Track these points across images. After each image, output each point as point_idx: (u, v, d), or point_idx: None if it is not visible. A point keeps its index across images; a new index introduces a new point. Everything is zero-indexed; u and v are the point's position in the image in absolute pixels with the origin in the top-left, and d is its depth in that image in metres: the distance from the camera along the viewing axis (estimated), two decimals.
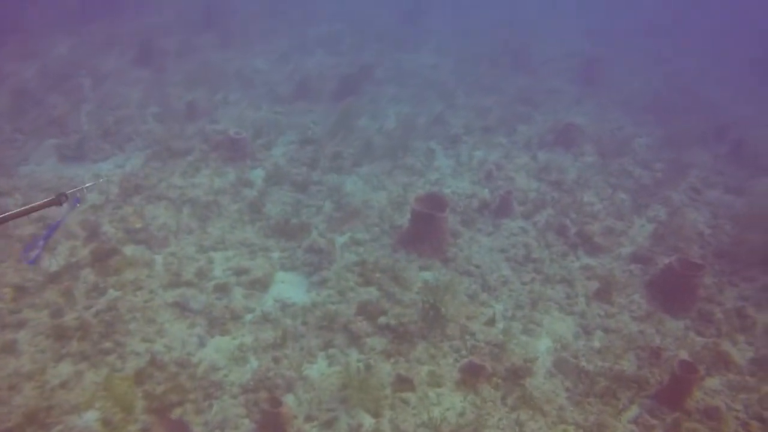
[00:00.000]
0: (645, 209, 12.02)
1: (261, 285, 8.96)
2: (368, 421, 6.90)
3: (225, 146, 12.33)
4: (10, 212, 3.53)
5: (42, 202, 3.59)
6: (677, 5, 32.35)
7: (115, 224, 9.96)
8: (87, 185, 4.06)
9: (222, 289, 8.80)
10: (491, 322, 8.47)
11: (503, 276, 9.47)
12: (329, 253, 9.60)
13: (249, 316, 8.42)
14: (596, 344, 8.41)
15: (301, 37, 20.61)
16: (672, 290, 9.32)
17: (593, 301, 9.20)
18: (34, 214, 3.04)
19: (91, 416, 6.68)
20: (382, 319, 8.28)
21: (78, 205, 3.79)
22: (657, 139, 15.56)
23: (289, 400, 7.08)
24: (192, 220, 10.23)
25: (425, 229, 9.46)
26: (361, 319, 8.30)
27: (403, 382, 7.36)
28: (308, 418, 6.91)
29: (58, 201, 3.67)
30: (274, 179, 11.72)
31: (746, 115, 19.11)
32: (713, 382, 7.99)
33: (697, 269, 9.33)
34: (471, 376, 7.46)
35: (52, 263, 8.85)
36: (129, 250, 9.41)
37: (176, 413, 6.79)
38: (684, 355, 8.28)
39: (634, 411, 7.40)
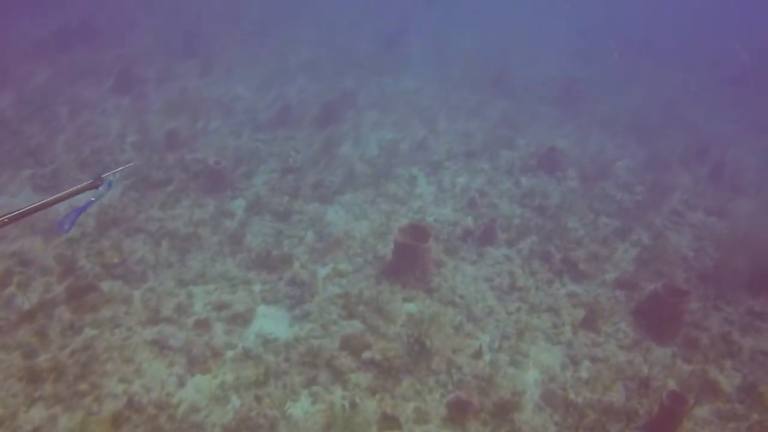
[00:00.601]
0: (628, 233, 12.07)
1: (242, 320, 8.80)
2: None
3: (205, 176, 12.21)
4: (54, 196, 3.87)
5: (83, 185, 4.00)
6: (656, 25, 32.99)
7: (92, 259, 9.77)
8: (118, 169, 4.50)
9: (202, 325, 8.62)
10: (478, 354, 8.38)
11: (488, 306, 9.40)
12: (311, 285, 9.48)
13: (230, 353, 8.25)
14: (584, 375, 8.35)
15: (282, 63, 20.64)
16: (658, 317, 9.31)
17: (580, 330, 9.15)
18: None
19: None
20: (366, 354, 8.16)
21: (111, 188, 4.22)
22: (638, 162, 15.73)
23: None
24: (171, 254, 10.07)
25: (409, 260, 9.39)
26: (345, 354, 8.17)
27: (389, 420, 7.23)
28: None
29: (95, 184, 4.06)
30: (255, 209, 11.61)
31: (724, 135, 19.47)
32: (702, 411, 7.95)
33: (682, 295, 9.34)
34: (458, 412, 7.34)
35: (25, 301, 8.62)
36: (106, 285, 9.22)
37: None
38: (672, 384, 8.24)
39: None
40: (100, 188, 4.17)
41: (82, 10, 22.17)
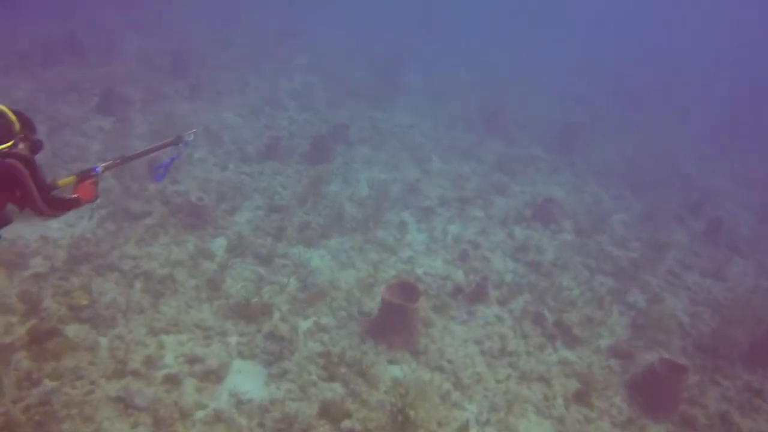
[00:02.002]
0: (624, 295, 11.82)
1: (215, 376, 8.34)
2: None
3: (186, 211, 11.79)
4: (141, 150, 4.98)
5: (166, 141, 4.94)
6: (647, 72, 33.38)
7: (59, 299, 9.27)
8: (193, 130, 5.39)
9: (172, 380, 8.15)
10: (464, 428, 7.98)
11: (477, 373, 9.03)
12: (291, 340, 9.05)
13: (200, 414, 7.78)
14: None
15: (274, 89, 20.36)
16: (654, 392, 9.00)
17: (572, 404, 8.80)
18: None
19: None
20: (346, 423, 7.73)
21: (188, 147, 5.18)
22: (634, 216, 15.58)
23: None
24: (144, 297, 9.59)
25: (396, 320, 9.01)
26: (323, 422, 7.73)
27: None
28: None
29: (177, 141, 4.98)
30: (236, 250, 11.19)
31: (717, 189, 19.53)
32: None
33: (680, 372, 9.05)
34: None
35: None
36: (71, 330, 8.71)
37: None
38: None
39: None
40: (180, 146, 5.14)
41: (68, 24, 21.83)
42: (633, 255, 13.43)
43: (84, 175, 4.62)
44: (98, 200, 4.63)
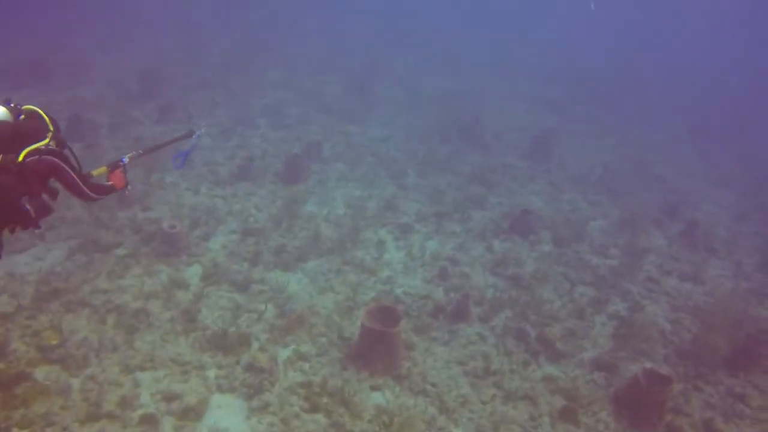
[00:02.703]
0: (605, 304, 11.84)
1: (194, 413, 8.15)
2: None
3: (158, 240, 11.58)
4: (158, 143, 5.68)
5: (180, 134, 5.71)
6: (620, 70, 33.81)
7: (27, 339, 9.02)
8: (203, 124, 6.39)
9: (149, 420, 7.94)
10: None
11: (462, 395, 8.94)
12: (271, 371, 8.89)
13: None
14: None
15: (245, 108, 20.18)
16: (639, 405, 8.99)
17: (559, 422, 8.75)
18: None
19: None
20: None
21: (200, 138, 5.87)
22: (612, 222, 15.66)
23: None
24: (117, 333, 9.37)
25: (377, 346, 8.90)
26: None
27: None
28: None
29: (190, 134, 5.73)
30: (212, 278, 11.01)
31: (692, 190, 19.78)
32: None
33: (665, 383, 9.06)
34: None
35: None
36: (41, 373, 8.47)
37: None
38: None
39: None
40: (193, 137, 5.77)
41: (33, 46, 21.46)
42: (612, 263, 13.48)
43: (114, 165, 5.06)
44: (129, 188, 5.10)
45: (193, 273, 11.15)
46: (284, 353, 9.39)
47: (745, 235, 17.32)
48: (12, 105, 4.19)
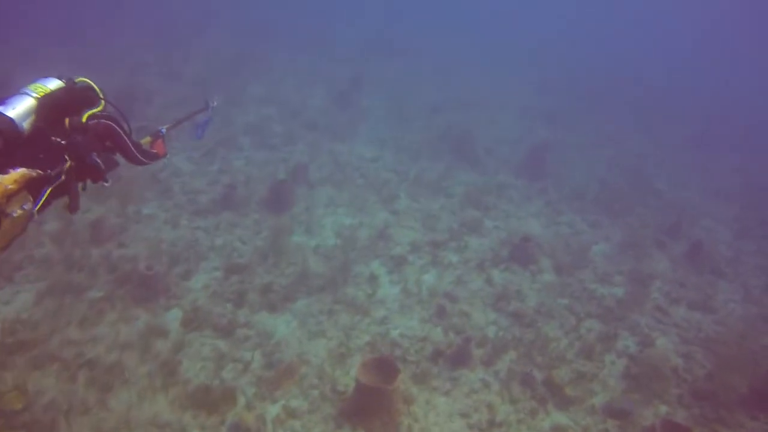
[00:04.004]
0: (613, 340, 11.32)
1: None
2: None
3: (135, 281, 10.89)
4: (180, 117, 6.02)
5: (198, 109, 6.20)
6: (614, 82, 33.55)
7: None
8: (215, 101, 6.41)
9: None
10: None
11: None
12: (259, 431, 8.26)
13: None
14: None
15: (227, 126, 19.48)
16: None
17: None
18: None
19: None
20: None
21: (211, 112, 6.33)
22: (614, 246, 15.18)
23: None
24: (89, 392, 8.68)
25: (373, 403, 8.29)
26: None
27: None
28: None
29: (206, 107, 6.18)
30: (193, 323, 10.35)
31: (691, 204, 19.47)
32: None
33: None
34: None
35: None
36: None
37: None
38: None
39: None
40: (208, 111, 6.27)
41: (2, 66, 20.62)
42: (618, 292, 12.98)
43: (156, 135, 5.64)
44: (168, 155, 5.71)
45: (172, 318, 10.48)
46: (273, 410, 8.75)
47: (749, 253, 16.95)
48: (65, 78, 4.50)
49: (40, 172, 3.98)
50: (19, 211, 3.87)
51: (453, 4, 50.17)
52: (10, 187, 3.78)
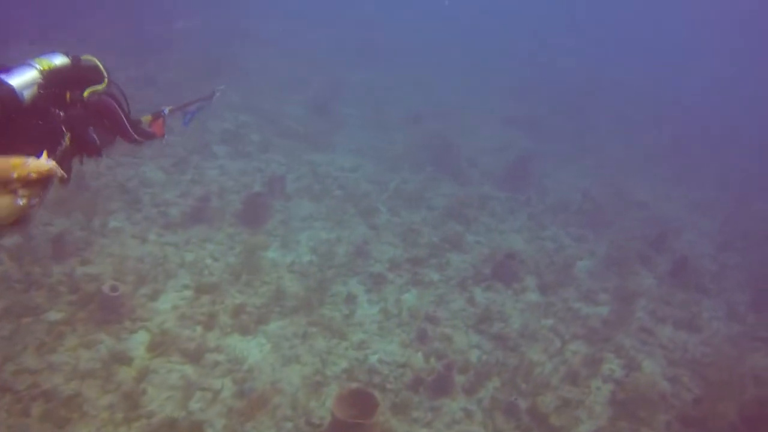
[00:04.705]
0: (599, 364, 10.99)
1: None
2: None
3: (98, 302, 10.29)
4: (185, 101, 6.02)
5: (203, 95, 6.07)
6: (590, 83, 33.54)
7: None
8: (221, 87, 6.41)
9: None
10: None
11: None
12: None
13: None
14: None
15: (202, 134, 18.88)
16: None
17: None
18: None
19: None
20: None
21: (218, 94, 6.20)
22: (598, 262, 14.92)
23: None
24: (45, 428, 8.09)
25: None
26: None
27: None
28: None
29: (211, 95, 6.09)
30: (159, 348, 9.77)
31: (674, 217, 19.44)
32: None
33: None
34: None
35: None
36: None
37: None
38: None
39: None
40: (211, 99, 6.11)
41: None
42: (602, 311, 12.70)
43: (157, 115, 5.60)
44: (166, 137, 5.65)
45: (137, 342, 9.89)
46: None
47: (732, 267, 16.87)
48: (71, 55, 4.58)
49: (65, 176, 4.16)
50: (23, 202, 3.88)
51: (433, 8, 49.80)
52: (33, 175, 3.79)
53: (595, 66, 39.02)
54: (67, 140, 4.39)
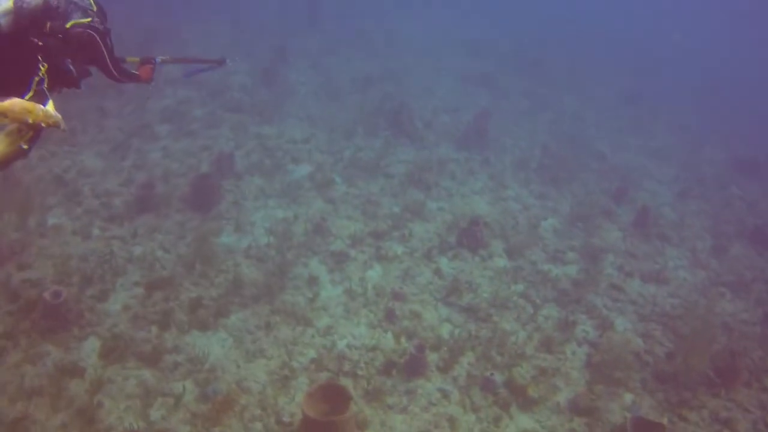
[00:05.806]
0: (572, 328, 10.86)
1: None
2: None
3: (41, 310, 9.59)
4: (190, 56, 6.26)
5: (213, 58, 5.86)
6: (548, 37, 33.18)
7: None
8: (236, 59, 6.41)
9: None
10: None
11: None
12: None
13: None
14: None
15: (141, 113, 17.86)
16: None
17: None
18: None
19: None
20: None
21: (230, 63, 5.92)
22: (563, 219, 14.77)
23: None
24: None
25: None
26: None
27: None
28: None
29: (221, 62, 5.88)
30: (113, 354, 9.20)
31: (633, 167, 19.54)
32: None
33: (655, 429, 8.17)
34: None
35: None
36: None
37: None
38: None
39: None
40: (223, 65, 5.87)
41: None
42: (571, 271, 12.58)
43: (146, 60, 5.35)
44: (153, 83, 5.35)
45: (88, 350, 9.28)
46: None
47: (691, 213, 17.00)
48: None
49: (66, 129, 4.06)
50: (26, 146, 3.90)
51: None
52: (43, 123, 3.80)
53: (547, 23, 38.58)
54: (43, 71, 4.20)
